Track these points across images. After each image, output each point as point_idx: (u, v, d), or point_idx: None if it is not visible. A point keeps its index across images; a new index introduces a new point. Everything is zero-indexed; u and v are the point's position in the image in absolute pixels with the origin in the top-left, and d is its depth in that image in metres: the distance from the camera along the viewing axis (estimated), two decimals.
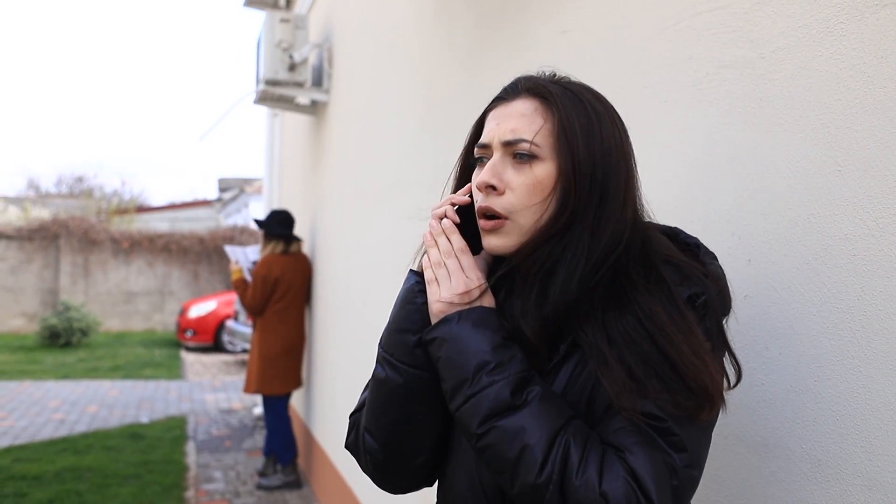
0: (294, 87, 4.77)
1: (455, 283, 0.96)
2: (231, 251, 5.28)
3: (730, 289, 0.99)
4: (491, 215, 0.97)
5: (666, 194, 1.36)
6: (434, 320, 0.96)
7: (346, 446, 1.12)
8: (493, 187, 0.96)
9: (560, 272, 0.93)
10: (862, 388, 0.96)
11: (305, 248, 5.37)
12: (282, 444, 4.97)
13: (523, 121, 0.96)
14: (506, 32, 2.08)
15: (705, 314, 0.91)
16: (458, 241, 0.99)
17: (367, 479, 3.45)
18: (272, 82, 4.70)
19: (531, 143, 0.95)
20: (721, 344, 0.93)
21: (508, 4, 2.07)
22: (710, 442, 0.91)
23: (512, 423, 0.87)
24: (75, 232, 14.13)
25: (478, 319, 0.93)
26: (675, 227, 1.07)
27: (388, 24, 3.34)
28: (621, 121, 1.01)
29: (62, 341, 11.74)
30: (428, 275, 0.99)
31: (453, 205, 1.03)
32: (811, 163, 1.04)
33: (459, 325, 0.93)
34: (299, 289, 5.03)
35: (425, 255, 1.01)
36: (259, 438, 6.23)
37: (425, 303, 0.99)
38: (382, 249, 3.31)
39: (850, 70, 0.98)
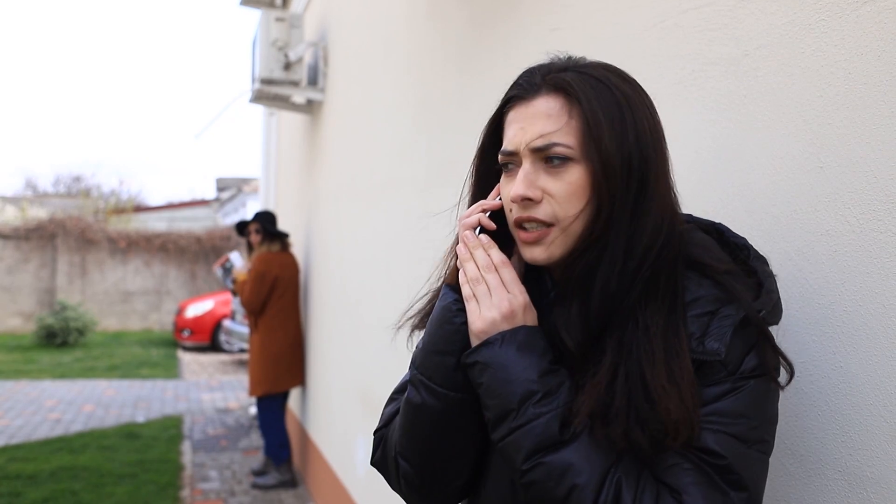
0: (289, 86, 4.77)
1: (497, 300, 0.88)
2: (235, 259, 5.31)
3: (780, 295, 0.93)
4: (534, 225, 0.89)
5: None
6: (475, 341, 0.89)
7: (373, 464, 1.08)
8: (531, 199, 0.88)
9: (599, 278, 0.86)
10: (843, 383, 0.96)
11: (301, 247, 5.40)
12: (277, 442, 4.98)
13: (550, 122, 0.88)
14: (497, 31, 2.09)
15: (757, 336, 0.85)
16: (497, 254, 0.91)
17: (361, 478, 3.46)
18: (268, 81, 4.70)
19: (564, 146, 0.87)
20: (771, 363, 0.86)
21: (500, 3, 2.07)
22: (767, 473, 0.86)
23: (560, 459, 0.81)
24: (72, 231, 14.13)
25: (523, 342, 0.87)
26: (720, 224, 1.00)
27: (382, 22, 3.34)
28: (650, 100, 0.93)
29: (59, 341, 11.73)
30: (465, 291, 0.91)
31: (484, 211, 0.95)
32: (793, 159, 1.05)
33: (503, 348, 0.86)
34: (297, 285, 5.07)
35: (461, 272, 0.93)
36: (255, 438, 6.23)
37: (465, 322, 0.91)
38: (377, 248, 3.32)
39: (831, 67, 0.98)
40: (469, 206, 1.02)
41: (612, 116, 0.87)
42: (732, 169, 1.17)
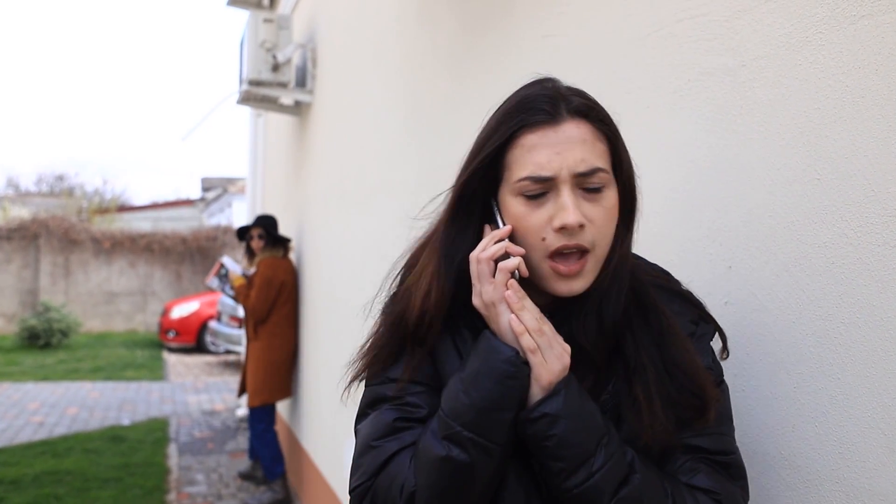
0: (277, 88, 4.74)
1: (559, 351, 0.89)
2: (228, 263, 5.21)
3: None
4: (573, 252, 0.90)
5: (648, 200, 1.36)
6: (540, 394, 0.88)
7: None
8: (583, 226, 0.89)
9: (616, 288, 0.93)
10: (840, 395, 0.97)
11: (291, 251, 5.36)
12: (270, 456, 4.78)
13: (586, 147, 0.90)
14: (489, 37, 2.08)
15: (707, 331, 1.01)
16: (535, 308, 0.91)
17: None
18: (255, 82, 4.67)
19: (604, 171, 0.91)
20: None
21: (492, 9, 2.07)
22: None
23: (632, 491, 0.86)
24: (55, 231, 13.98)
25: (577, 388, 0.89)
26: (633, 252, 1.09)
27: (372, 25, 3.33)
28: None
29: (42, 342, 11.60)
30: (527, 343, 0.88)
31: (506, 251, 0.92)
32: (791, 171, 1.05)
33: (570, 397, 0.87)
34: (297, 292, 4.98)
35: (512, 320, 0.90)
36: (242, 440, 6.19)
37: (529, 376, 0.89)
38: (367, 252, 3.30)
39: (829, 80, 0.99)
40: (453, 229, 0.98)
41: (623, 143, 0.95)
42: (728, 179, 1.17)
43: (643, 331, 0.94)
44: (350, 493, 0.96)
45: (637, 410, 0.90)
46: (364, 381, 1.03)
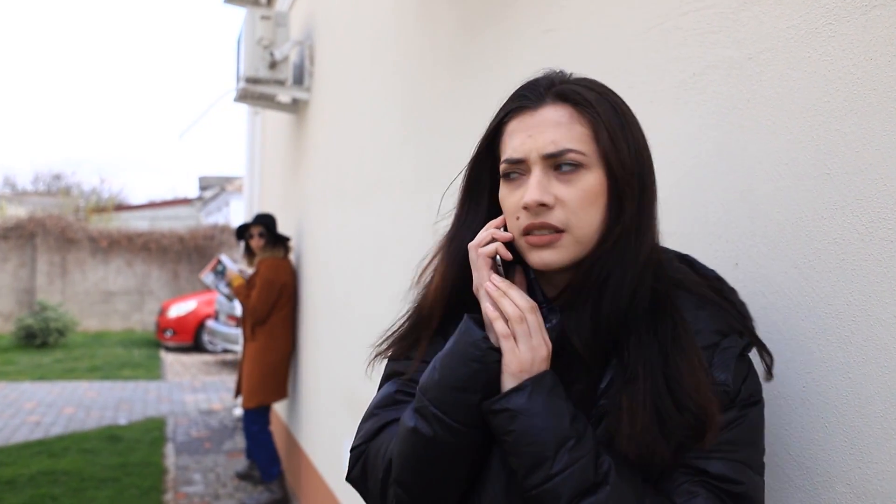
0: (275, 85, 4.72)
1: (536, 342, 0.88)
2: (227, 261, 5.16)
3: None
4: (546, 230, 0.90)
5: None
6: (510, 381, 0.87)
7: (349, 479, 1.04)
8: (545, 205, 0.88)
9: (612, 282, 0.89)
10: (850, 393, 0.94)
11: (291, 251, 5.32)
12: (267, 457, 4.75)
13: (560, 130, 0.90)
14: (489, 33, 2.06)
15: (749, 365, 0.93)
16: (524, 297, 0.90)
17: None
18: (253, 80, 4.64)
19: (577, 152, 0.89)
20: (760, 388, 0.94)
21: (492, 4, 2.05)
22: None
23: (597, 502, 0.82)
24: (52, 230, 13.93)
25: (551, 388, 0.87)
26: (689, 256, 1.03)
27: (370, 22, 3.30)
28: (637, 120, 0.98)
29: (38, 342, 11.56)
30: (500, 329, 0.88)
31: (495, 239, 0.94)
32: (799, 165, 1.03)
33: (534, 395, 0.85)
34: (296, 293, 4.94)
35: (488, 305, 0.90)
36: (239, 440, 6.16)
37: (498, 362, 0.89)
38: (364, 250, 3.28)
39: (839, 72, 0.97)
40: (461, 219, 1.02)
41: (619, 127, 0.92)
42: (735, 174, 1.15)
43: (649, 338, 0.89)
44: (350, 452, 1.05)
45: (618, 420, 0.86)
46: (387, 358, 1.09)
